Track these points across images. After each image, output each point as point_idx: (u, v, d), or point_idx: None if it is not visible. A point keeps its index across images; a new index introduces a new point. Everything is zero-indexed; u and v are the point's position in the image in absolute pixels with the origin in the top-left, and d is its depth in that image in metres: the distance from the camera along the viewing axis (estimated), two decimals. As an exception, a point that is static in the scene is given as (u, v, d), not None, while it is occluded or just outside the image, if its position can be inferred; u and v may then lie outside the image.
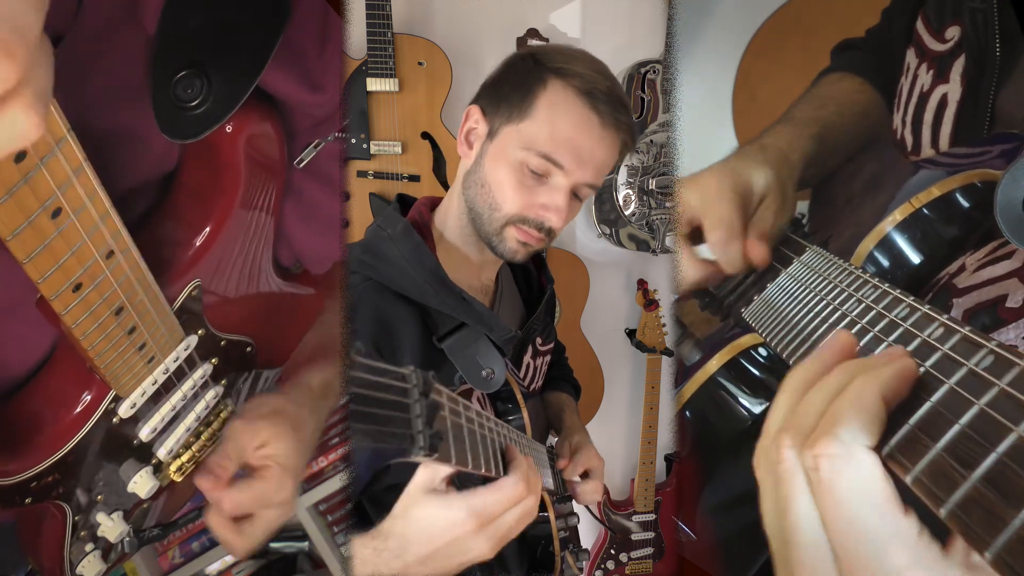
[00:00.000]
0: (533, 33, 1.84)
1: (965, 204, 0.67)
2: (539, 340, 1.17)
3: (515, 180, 0.92)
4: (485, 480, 0.70)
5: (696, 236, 0.82)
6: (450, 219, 1.01)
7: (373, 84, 1.76)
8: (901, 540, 0.32)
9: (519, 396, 1.02)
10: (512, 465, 0.72)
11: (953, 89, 0.80)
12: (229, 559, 2.04)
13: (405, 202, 1.07)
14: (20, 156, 0.54)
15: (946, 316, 0.41)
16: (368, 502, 0.97)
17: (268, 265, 0.99)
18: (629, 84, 1.90)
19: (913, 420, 0.36)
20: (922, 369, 0.38)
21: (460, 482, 0.71)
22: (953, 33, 0.81)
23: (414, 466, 0.77)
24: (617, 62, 1.94)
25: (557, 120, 0.92)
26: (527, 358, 1.14)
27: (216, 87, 0.73)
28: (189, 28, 0.72)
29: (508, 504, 0.69)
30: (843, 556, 0.34)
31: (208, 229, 0.85)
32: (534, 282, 1.19)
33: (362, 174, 1.83)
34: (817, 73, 1.14)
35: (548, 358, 1.23)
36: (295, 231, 0.99)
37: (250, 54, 0.76)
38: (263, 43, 0.76)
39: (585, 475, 1.15)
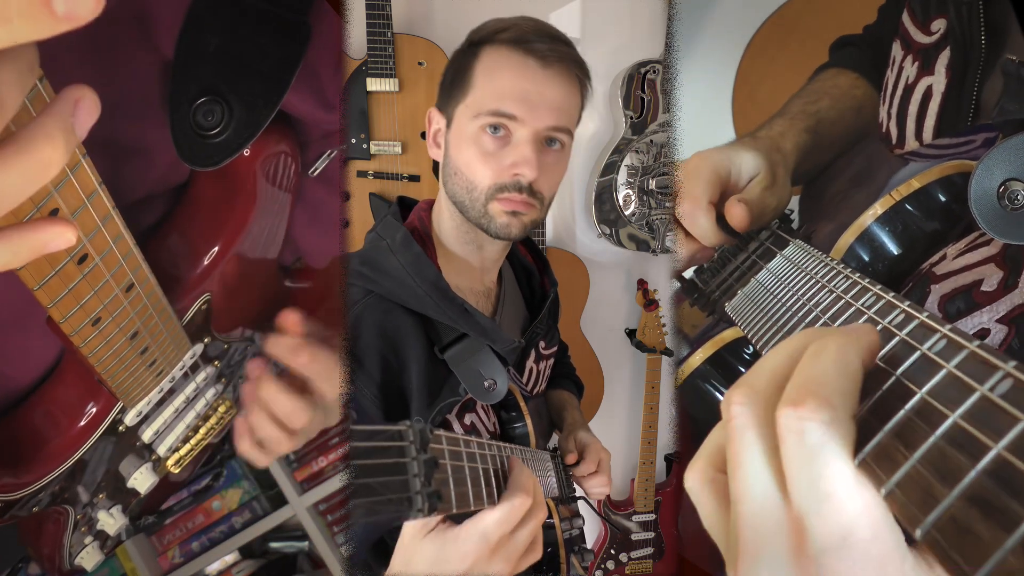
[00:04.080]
0: (532, 33, 1.84)
1: (944, 197, 0.67)
2: (542, 344, 1.15)
3: (479, 152, 0.91)
4: None
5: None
6: (443, 222, 1.00)
7: (373, 84, 1.77)
8: (870, 516, 0.31)
9: (522, 404, 1.01)
10: (513, 477, 0.70)
11: (938, 81, 0.80)
12: (229, 559, 2.04)
13: (405, 204, 1.06)
14: (52, 213, 0.54)
15: (907, 303, 0.41)
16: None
17: (275, 270, 0.99)
18: (629, 84, 1.90)
19: (867, 404, 0.35)
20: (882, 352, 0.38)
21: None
22: (939, 26, 0.81)
23: None
24: (617, 62, 1.94)
25: (496, 77, 0.92)
26: (530, 363, 1.13)
27: (237, 114, 0.73)
28: (208, 53, 0.72)
29: (516, 519, 0.67)
30: (806, 526, 0.32)
31: (218, 248, 0.86)
32: (536, 284, 1.18)
33: (362, 174, 1.83)
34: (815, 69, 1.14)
35: (551, 361, 1.22)
36: (301, 232, 0.99)
37: (271, 81, 0.75)
38: (283, 69, 0.75)
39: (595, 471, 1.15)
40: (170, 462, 0.99)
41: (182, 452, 1.00)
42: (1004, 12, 0.77)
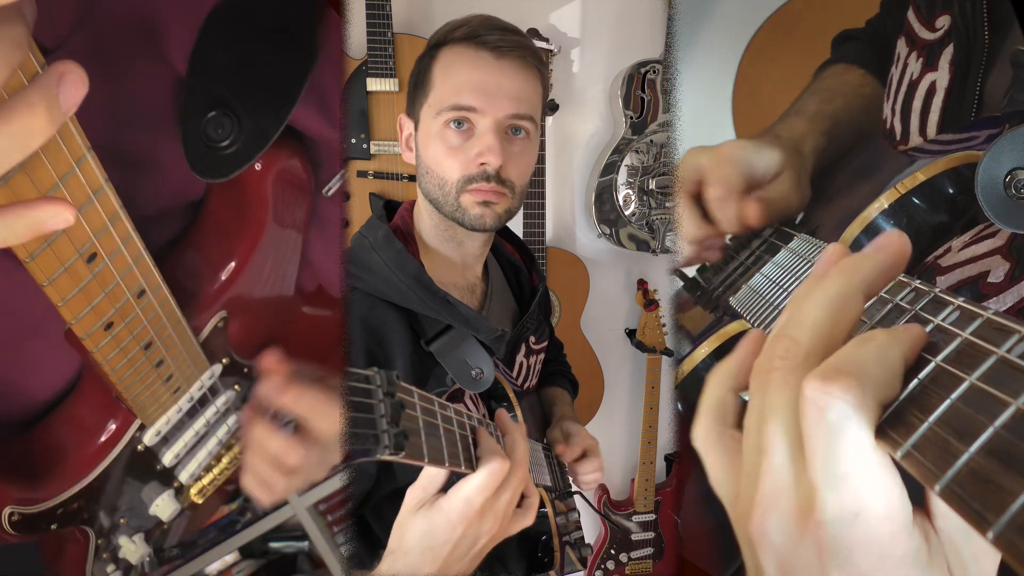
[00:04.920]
0: (533, 33, 1.84)
1: (950, 190, 0.67)
2: (532, 339, 1.17)
3: (445, 147, 0.93)
4: None
5: (698, 198, 0.83)
6: (423, 221, 1.02)
7: (373, 84, 1.77)
8: (885, 496, 0.31)
9: (512, 395, 1.02)
10: (483, 444, 0.72)
11: (942, 76, 0.80)
12: (229, 559, 2.04)
13: (391, 208, 1.08)
14: None
15: (917, 281, 0.41)
16: (371, 515, 0.98)
17: (292, 291, 1.00)
18: (629, 84, 1.91)
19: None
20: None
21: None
22: (943, 22, 0.81)
23: (416, 470, 0.77)
24: (617, 62, 1.95)
25: (452, 73, 0.94)
26: (520, 357, 1.14)
27: (246, 127, 0.75)
28: (219, 69, 0.74)
29: (497, 482, 0.69)
30: (818, 497, 0.32)
31: (234, 264, 0.87)
32: (525, 281, 1.19)
33: (362, 174, 1.83)
34: (817, 67, 1.14)
35: (542, 356, 1.23)
36: (318, 256, 1.00)
37: (279, 95, 0.77)
38: (292, 84, 0.77)
39: (583, 458, 1.16)
40: (193, 491, 0.99)
41: (205, 482, 1.00)
42: (1007, 6, 0.77)
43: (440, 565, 0.70)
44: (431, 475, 0.70)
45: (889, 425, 0.32)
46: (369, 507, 0.95)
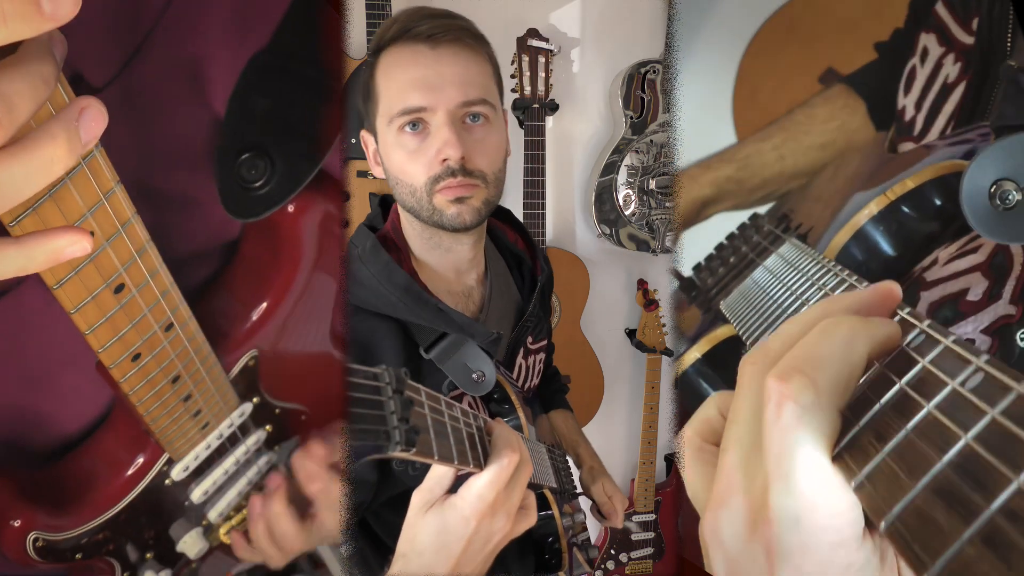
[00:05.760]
0: (533, 33, 1.84)
1: (937, 200, 0.67)
2: (530, 339, 1.16)
3: (405, 154, 0.91)
4: None
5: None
6: (408, 231, 1.00)
7: (373, 84, 1.77)
8: (828, 506, 0.32)
9: (514, 397, 1.02)
10: (496, 436, 0.71)
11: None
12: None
13: (387, 204, 1.06)
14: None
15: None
16: (371, 517, 0.98)
17: (326, 335, 1.00)
18: (629, 84, 1.90)
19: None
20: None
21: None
22: (976, 25, 0.81)
23: (413, 476, 0.77)
24: (617, 62, 1.94)
25: (393, 77, 0.91)
26: (519, 359, 1.13)
27: (279, 169, 0.76)
28: (256, 112, 0.76)
29: (508, 476, 0.69)
30: (769, 494, 0.32)
31: (265, 305, 0.88)
32: (528, 271, 1.17)
33: (362, 174, 1.83)
34: (817, 73, 1.14)
35: (541, 356, 1.22)
36: None
37: (313, 140, 0.79)
38: (326, 130, 0.79)
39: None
40: (222, 530, 0.99)
41: (234, 522, 1.00)
42: None
43: (454, 564, 0.69)
44: (438, 476, 0.69)
45: (847, 451, 0.32)
46: (369, 512, 0.95)
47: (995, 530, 0.23)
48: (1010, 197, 0.57)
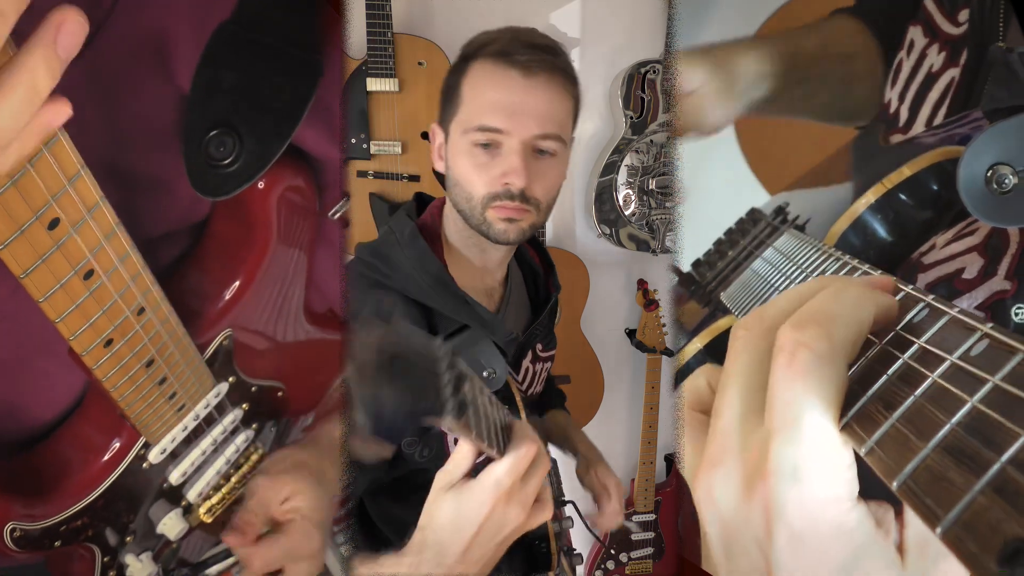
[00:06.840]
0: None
1: (934, 186, 0.67)
2: (539, 346, 1.18)
3: (472, 164, 0.95)
4: None
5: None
6: (450, 225, 1.04)
7: (373, 84, 1.77)
8: (825, 460, 0.32)
9: (518, 398, 1.03)
10: (517, 429, 0.73)
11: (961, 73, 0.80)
12: (230, 559, 2.04)
13: (422, 200, 1.10)
14: (53, 223, 0.55)
15: (895, 279, 0.42)
16: (374, 510, 0.99)
17: (300, 312, 1.01)
18: (629, 84, 1.90)
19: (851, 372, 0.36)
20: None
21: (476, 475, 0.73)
22: (964, 16, 0.81)
23: (420, 461, 0.77)
24: (617, 62, 1.95)
25: (480, 92, 0.95)
26: (526, 363, 1.15)
27: (248, 146, 0.75)
28: (223, 88, 0.75)
29: (525, 466, 0.70)
30: (770, 447, 0.33)
31: (238, 283, 0.88)
32: (541, 286, 1.21)
33: (362, 174, 1.84)
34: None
35: (549, 365, 1.24)
36: (327, 279, 1.01)
37: (282, 115, 0.77)
38: (295, 104, 0.78)
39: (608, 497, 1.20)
40: (202, 510, 0.99)
41: (214, 501, 1.00)
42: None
43: (466, 544, 0.71)
44: (458, 459, 0.71)
45: (856, 421, 0.32)
46: (368, 495, 0.96)
47: (1006, 480, 0.24)
48: (1006, 181, 0.57)
